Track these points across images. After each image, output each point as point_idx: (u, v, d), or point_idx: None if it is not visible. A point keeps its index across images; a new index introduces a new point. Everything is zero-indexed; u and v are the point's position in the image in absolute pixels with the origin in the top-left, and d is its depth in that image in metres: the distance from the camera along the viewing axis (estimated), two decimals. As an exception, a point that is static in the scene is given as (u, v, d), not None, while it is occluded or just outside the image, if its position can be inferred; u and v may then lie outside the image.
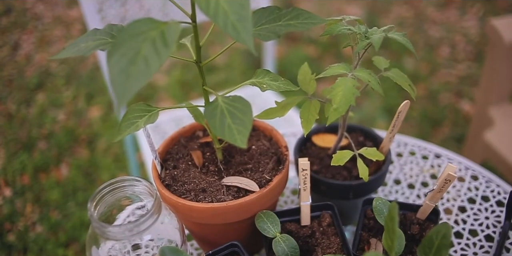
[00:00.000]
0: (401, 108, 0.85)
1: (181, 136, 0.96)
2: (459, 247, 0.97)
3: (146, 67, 0.55)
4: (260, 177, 0.85)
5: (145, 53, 0.56)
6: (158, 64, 0.56)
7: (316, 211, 0.89)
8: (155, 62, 0.56)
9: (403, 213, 0.88)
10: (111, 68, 0.55)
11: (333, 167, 0.95)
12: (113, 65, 0.55)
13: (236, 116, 0.66)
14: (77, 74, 3.05)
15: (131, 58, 0.55)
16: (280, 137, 0.92)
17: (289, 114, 1.81)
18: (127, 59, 0.55)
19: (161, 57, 0.56)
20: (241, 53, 3.11)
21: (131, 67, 0.55)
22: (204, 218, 0.82)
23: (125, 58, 0.55)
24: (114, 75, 0.55)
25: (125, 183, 0.78)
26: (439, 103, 2.67)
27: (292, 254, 0.80)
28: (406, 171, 1.15)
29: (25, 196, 2.27)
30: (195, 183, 0.85)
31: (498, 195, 1.07)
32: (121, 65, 0.55)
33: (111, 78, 0.55)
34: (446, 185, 0.80)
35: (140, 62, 0.56)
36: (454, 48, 3.09)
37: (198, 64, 0.79)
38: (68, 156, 2.48)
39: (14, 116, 2.73)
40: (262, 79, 0.82)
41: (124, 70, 0.55)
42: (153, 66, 0.56)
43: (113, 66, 0.55)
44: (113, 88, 0.54)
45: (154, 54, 0.56)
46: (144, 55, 0.56)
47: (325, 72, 0.78)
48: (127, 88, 0.54)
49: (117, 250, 0.76)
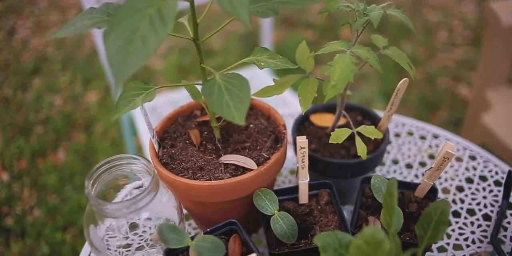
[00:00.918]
0: (399, 86, 0.85)
1: (179, 115, 0.96)
2: (457, 226, 0.98)
3: (144, 46, 0.55)
4: (258, 155, 0.85)
5: (142, 32, 0.55)
6: (156, 42, 0.55)
7: (314, 190, 0.89)
8: (153, 40, 0.55)
9: (401, 192, 0.88)
10: (108, 48, 0.55)
11: (331, 146, 0.95)
12: (111, 45, 0.55)
13: (233, 93, 0.65)
14: (73, 59, 3.04)
15: (129, 37, 0.55)
16: (278, 116, 0.92)
17: (286, 96, 1.81)
18: (124, 38, 0.55)
19: (159, 36, 0.56)
20: (238, 37, 3.10)
21: (128, 46, 0.55)
22: (202, 196, 0.82)
23: (122, 37, 0.55)
24: (111, 55, 0.54)
25: (122, 161, 0.78)
26: (437, 87, 2.67)
27: (290, 231, 0.80)
28: (404, 151, 1.15)
29: (22, 181, 2.27)
30: (193, 161, 0.85)
31: (496, 175, 1.07)
32: (118, 44, 0.54)
33: (109, 57, 0.54)
34: (444, 163, 0.80)
35: (138, 41, 0.55)
36: (452, 33, 3.08)
37: (195, 42, 0.78)
38: (65, 140, 2.48)
39: (11, 101, 2.72)
40: (260, 57, 0.82)
41: (121, 49, 0.54)
42: (151, 45, 0.55)
43: (110, 45, 0.55)
44: (110, 68, 0.54)
45: (152, 32, 0.56)
46: (141, 33, 0.55)
47: (323, 49, 0.78)
48: (125, 67, 0.54)
49: (115, 228, 0.76)
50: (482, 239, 0.95)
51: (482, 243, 0.94)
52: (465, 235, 0.96)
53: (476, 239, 0.95)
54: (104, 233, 0.77)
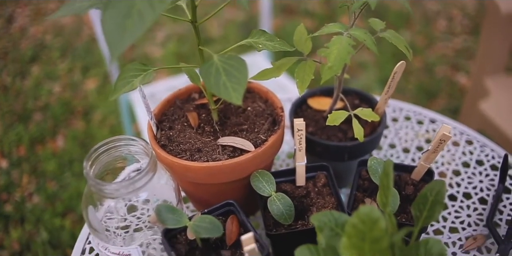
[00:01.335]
0: (396, 68, 0.85)
1: (177, 98, 0.96)
2: (453, 209, 0.98)
3: (140, 20, 0.55)
4: (255, 138, 0.85)
5: (139, 7, 0.56)
6: (153, 17, 0.56)
7: (311, 172, 0.89)
8: (150, 15, 0.56)
9: (398, 174, 0.89)
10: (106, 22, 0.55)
11: (328, 129, 0.95)
12: (108, 19, 0.55)
13: (231, 74, 0.66)
14: (72, 46, 3.03)
15: (126, 11, 0.55)
16: (276, 99, 0.92)
17: (284, 82, 1.81)
18: (122, 13, 0.55)
19: (155, 10, 0.56)
20: (237, 25, 3.10)
21: (126, 20, 0.55)
22: (199, 178, 0.82)
23: (120, 11, 0.55)
24: (109, 28, 0.55)
25: (121, 142, 0.78)
26: (435, 76, 2.67)
27: (287, 212, 0.80)
28: (401, 135, 1.15)
29: (21, 167, 2.27)
30: (191, 143, 0.85)
31: (492, 159, 1.08)
32: (116, 19, 0.55)
33: (106, 31, 0.54)
34: (440, 145, 0.80)
35: (135, 15, 0.55)
36: (451, 22, 3.08)
37: (193, 24, 0.79)
38: (64, 127, 2.48)
39: (10, 88, 2.72)
40: (257, 39, 0.82)
41: (119, 23, 0.55)
42: (147, 19, 0.55)
43: (108, 19, 0.55)
44: (107, 41, 0.54)
45: (149, 7, 0.56)
46: (138, 8, 0.56)
47: (320, 31, 0.78)
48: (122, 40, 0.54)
49: (114, 210, 0.77)
50: (478, 222, 0.96)
51: (478, 226, 0.95)
52: (461, 218, 0.97)
53: (472, 222, 0.96)
54: (103, 215, 0.77)
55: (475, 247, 0.91)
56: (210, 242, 0.79)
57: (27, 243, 1.95)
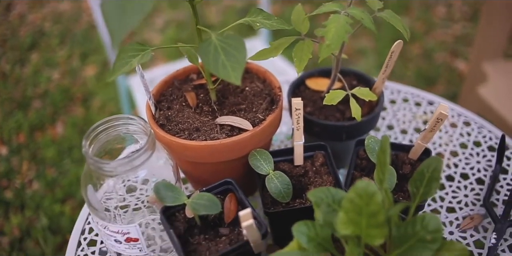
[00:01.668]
0: (393, 48, 0.85)
1: (175, 78, 0.96)
2: (450, 190, 0.99)
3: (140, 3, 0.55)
4: (253, 117, 0.85)
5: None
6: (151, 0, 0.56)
7: (309, 152, 0.89)
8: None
9: (395, 153, 0.89)
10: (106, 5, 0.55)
11: (326, 109, 0.96)
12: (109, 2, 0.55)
13: (230, 53, 0.66)
14: (71, 33, 3.03)
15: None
16: (274, 79, 0.93)
17: (281, 65, 1.82)
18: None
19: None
20: (236, 11, 3.09)
21: (126, 3, 0.55)
22: (198, 157, 0.83)
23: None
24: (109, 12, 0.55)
25: (119, 121, 0.78)
26: (434, 62, 2.67)
27: (285, 190, 0.81)
28: (399, 117, 1.16)
29: (21, 154, 2.28)
30: (189, 122, 0.85)
31: (489, 140, 1.08)
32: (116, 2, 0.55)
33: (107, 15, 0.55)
34: (438, 124, 0.81)
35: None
36: (450, 8, 3.07)
37: (191, 3, 0.79)
38: (63, 114, 2.48)
39: (9, 76, 2.72)
40: (255, 18, 0.82)
41: (119, 6, 0.55)
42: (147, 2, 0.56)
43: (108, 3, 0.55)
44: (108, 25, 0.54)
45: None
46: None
47: (318, 10, 0.78)
48: (123, 24, 0.54)
49: (113, 189, 0.77)
50: (475, 202, 0.96)
51: (475, 206, 0.95)
52: (459, 198, 0.97)
53: (469, 202, 0.96)
54: (102, 194, 0.77)
55: (472, 226, 0.92)
56: (208, 220, 0.79)
57: (27, 229, 1.96)
